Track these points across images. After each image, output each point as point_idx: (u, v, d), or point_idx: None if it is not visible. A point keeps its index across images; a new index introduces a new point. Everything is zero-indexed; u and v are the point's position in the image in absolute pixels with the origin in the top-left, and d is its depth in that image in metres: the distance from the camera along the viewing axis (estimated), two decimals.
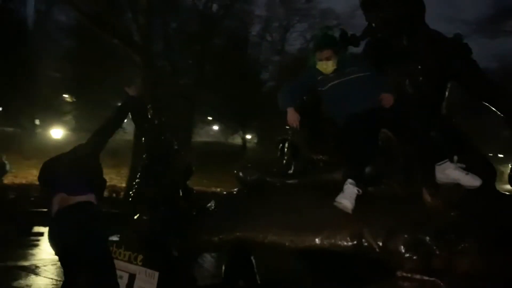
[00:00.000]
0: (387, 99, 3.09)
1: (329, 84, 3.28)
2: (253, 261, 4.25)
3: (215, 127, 36.04)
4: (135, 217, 4.30)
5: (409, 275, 2.28)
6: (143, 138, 4.47)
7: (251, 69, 29.08)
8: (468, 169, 2.80)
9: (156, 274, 3.97)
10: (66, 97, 29.58)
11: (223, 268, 4.30)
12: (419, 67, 3.78)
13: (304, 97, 3.52)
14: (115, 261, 3.76)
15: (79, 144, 3.65)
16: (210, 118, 33.09)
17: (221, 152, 27.81)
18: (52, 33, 30.10)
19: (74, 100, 29.68)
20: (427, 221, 2.44)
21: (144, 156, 4.37)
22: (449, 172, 2.71)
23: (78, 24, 23.66)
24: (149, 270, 4.03)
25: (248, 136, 34.13)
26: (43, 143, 18.39)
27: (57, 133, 14.62)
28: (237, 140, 33.48)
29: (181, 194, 4.38)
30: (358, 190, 2.74)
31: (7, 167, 16.43)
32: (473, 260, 2.33)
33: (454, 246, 2.33)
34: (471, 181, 2.66)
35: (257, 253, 4.02)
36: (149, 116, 4.33)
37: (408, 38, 3.89)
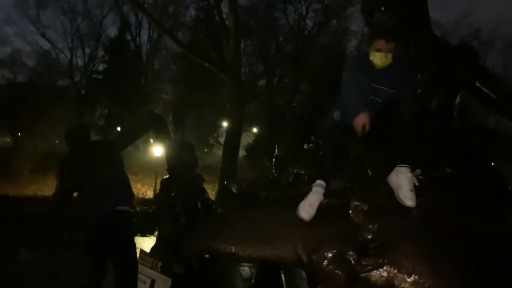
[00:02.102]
0: None
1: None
2: (282, 275, 4.33)
3: None
4: (157, 227, 4.70)
5: None
6: (165, 154, 4.87)
7: None
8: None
9: (169, 280, 4.28)
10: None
11: (253, 281, 4.45)
12: (422, 75, 3.63)
13: None
14: (141, 267, 4.21)
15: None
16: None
17: None
18: (163, 60, 33.18)
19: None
20: (350, 234, 2.37)
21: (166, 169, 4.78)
22: (400, 177, 2.60)
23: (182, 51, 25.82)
24: (163, 277, 4.35)
25: None
26: (147, 160, 20.12)
27: (157, 150, 15.94)
28: None
29: (199, 205, 4.67)
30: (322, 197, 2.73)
31: None
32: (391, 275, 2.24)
33: (375, 261, 2.25)
34: (406, 197, 2.54)
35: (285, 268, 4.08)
36: (170, 133, 4.72)
37: (411, 45, 3.75)
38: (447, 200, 2.72)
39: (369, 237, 2.38)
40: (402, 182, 2.60)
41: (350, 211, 2.51)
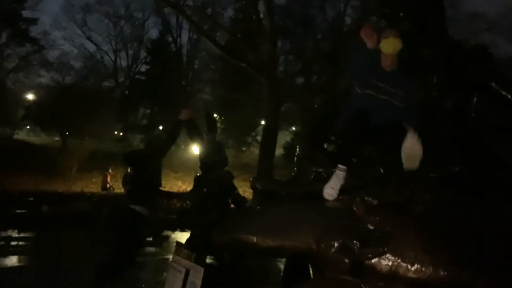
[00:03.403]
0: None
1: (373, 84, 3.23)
2: (310, 270, 4.60)
3: None
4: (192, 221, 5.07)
5: (335, 275, 2.51)
6: (198, 153, 5.26)
7: None
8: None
9: (202, 270, 4.63)
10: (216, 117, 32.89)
11: (281, 275, 4.74)
12: (436, 76, 3.79)
13: None
14: (178, 258, 4.63)
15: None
16: None
17: None
18: (202, 60, 33.94)
19: (222, 119, 32.53)
20: (354, 225, 2.62)
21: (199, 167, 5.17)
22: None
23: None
24: (197, 266, 4.71)
25: None
26: (187, 158, 20.75)
27: (196, 149, 16.35)
28: None
29: (230, 201, 5.02)
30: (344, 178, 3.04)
31: None
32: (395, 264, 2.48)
33: (376, 250, 2.48)
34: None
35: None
36: (202, 135, 5.12)
37: (425, 48, 3.91)
38: (451, 197, 2.91)
39: (371, 228, 2.62)
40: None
41: (354, 205, 2.75)
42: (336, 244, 2.58)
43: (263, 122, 21.07)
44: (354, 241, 2.54)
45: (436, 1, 3.94)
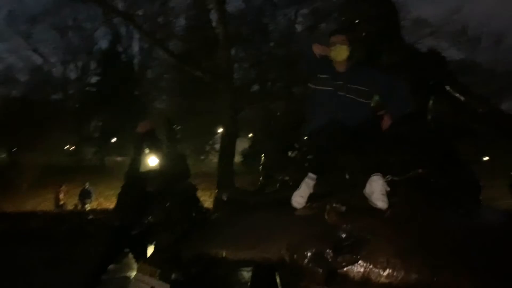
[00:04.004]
0: (386, 122, 3.20)
1: (330, 83, 3.25)
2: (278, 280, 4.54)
3: None
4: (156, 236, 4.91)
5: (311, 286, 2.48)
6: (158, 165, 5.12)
7: None
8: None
9: (168, 286, 4.48)
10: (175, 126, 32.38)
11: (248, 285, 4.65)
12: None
13: None
14: (141, 275, 4.47)
15: None
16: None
17: None
18: (156, 69, 33.36)
19: (178, 128, 31.87)
20: (327, 234, 2.61)
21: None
22: (373, 185, 2.84)
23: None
24: (163, 284, 4.55)
25: None
26: None
27: (152, 160, 15.95)
28: None
29: (194, 214, 4.89)
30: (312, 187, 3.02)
31: (91, 194, 18.36)
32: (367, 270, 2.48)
33: (349, 258, 2.48)
34: (378, 200, 2.79)
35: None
36: (162, 146, 5.00)
37: (386, 55, 3.98)
38: (418, 199, 2.95)
39: (343, 236, 2.60)
40: (375, 188, 2.84)
41: (325, 213, 2.74)
42: (309, 254, 2.55)
43: (220, 130, 20.95)
44: (328, 250, 2.52)
45: (391, 7, 4.03)
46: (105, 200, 19.25)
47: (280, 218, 3.11)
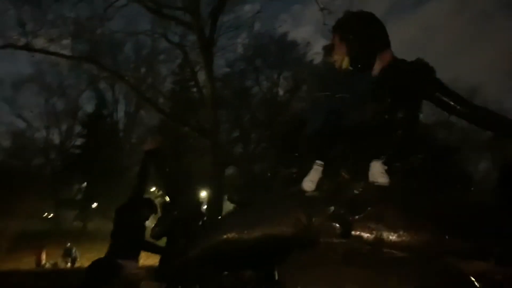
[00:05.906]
0: None
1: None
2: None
3: None
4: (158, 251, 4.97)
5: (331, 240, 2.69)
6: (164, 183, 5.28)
7: None
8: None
9: None
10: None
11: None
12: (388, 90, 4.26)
13: None
14: None
15: None
16: None
17: None
18: (140, 133, 33.84)
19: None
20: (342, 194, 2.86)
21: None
22: (372, 167, 3.14)
23: (161, 122, 26.62)
24: None
25: None
26: None
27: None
28: None
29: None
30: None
31: (75, 254, 18.13)
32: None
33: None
34: (378, 176, 3.06)
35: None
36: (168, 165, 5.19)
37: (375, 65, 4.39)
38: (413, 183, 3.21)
39: (357, 192, 2.86)
40: (374, 168, 3.13)
41: (342, 171, 3.00)
42: (326, 213, 2.76)
43: (204, 193, 20.88)
44: (342, 208, 2.75)
45: (380, 25, 4.49)
46: (87, 261, 18.64)
47: (292, 197, 3.30)
